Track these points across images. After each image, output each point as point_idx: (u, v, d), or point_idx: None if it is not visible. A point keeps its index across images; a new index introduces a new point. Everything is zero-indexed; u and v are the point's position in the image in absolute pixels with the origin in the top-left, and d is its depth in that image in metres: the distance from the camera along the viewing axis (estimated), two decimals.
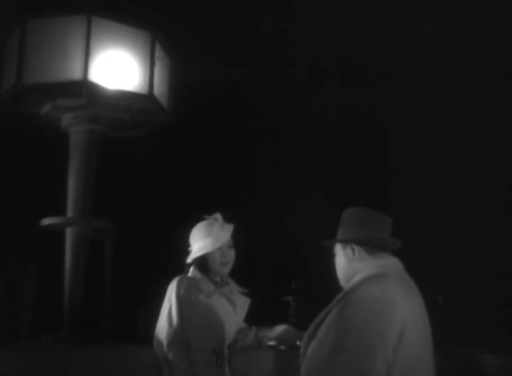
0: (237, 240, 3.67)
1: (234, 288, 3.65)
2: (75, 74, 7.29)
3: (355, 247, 2.77)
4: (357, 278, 2.72)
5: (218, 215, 3.64)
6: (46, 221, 7.56)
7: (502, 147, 8.64)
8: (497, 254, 8.12)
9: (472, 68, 8.72)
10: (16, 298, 8.07)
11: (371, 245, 2.76)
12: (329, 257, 2.96)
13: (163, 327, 3.44)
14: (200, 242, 3.55)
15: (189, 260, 3.58)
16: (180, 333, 3.38)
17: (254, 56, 9.26)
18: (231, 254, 3.60)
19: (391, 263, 2.77)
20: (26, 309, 8.02)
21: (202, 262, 3.55)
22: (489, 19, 8.54)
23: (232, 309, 3.57)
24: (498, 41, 8.52)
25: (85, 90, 7.41)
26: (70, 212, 7.66)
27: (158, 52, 7.84)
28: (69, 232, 7.63)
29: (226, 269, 3.58)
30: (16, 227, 8.16)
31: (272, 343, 3.70)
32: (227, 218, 3.69)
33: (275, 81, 9.31)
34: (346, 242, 2.81)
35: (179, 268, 3.67)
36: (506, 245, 8.00)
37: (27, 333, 7.91)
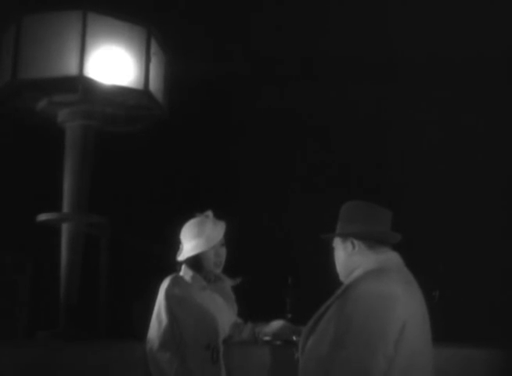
0: (231, 236, 3.67)
1: (226, 283, 3.66)
2: (71, 69, 7.26)
3: (355, 241, 2.77)
4: (357, 273, 2.72)
5: (209, 213, 3.65)
6: (42, 217, 7.54)
7: (503, 146, 8.65)
8: (495, 250, 8.13)
9: (476, 66, 8.72)
10: (12, 295, 8.06)
11: (371, 239, 2.75)
12: (326, 252, 2.95)
13: (153, 326, 3.44)
14: (192, 241, 3.55)
15: (182, 259, 3.58)
16: (170, 332, 3.38)
17: (251, 53, 9.25)
18: (223, 253, 3.61)
19: (391, 258, 2.77)
20: (21, 305, 8.01)
21: (195, 261, 3.56)
22: (493, 15, 8.54)
23: (225, 304, 3.58)
24: (500, 39, 8.52)
25: (81, 85, 7.39)
26: (65, 208, 7.63)
27: (154, 48, 7.81)
28: (65, 228, 7.61)
29: (219, 269, 3.60)
30: (11, 223, 8.14)
31: (267, 338, 3.71)
32: (222, 214, 3.68)
33: (272, 77, 9.30)
34: (346, 236, 2.80)
35: (175, 264, 3.67)
36: (504, 241, 8.01)
37: (23, 329, 7.91)
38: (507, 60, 8.56)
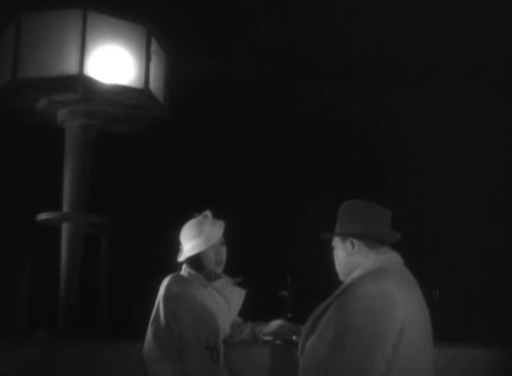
0: (231, 235, 3.66)
1: (227, 282, 3.65)
2: (71, 68, 7.27)
3: (355, 241, 2.74)
4: (356, 273, 2.69)
5: (207, 213, 3.64)
6: (42, 216, 7.54)
7: (502, 145, 8.64)
8: (494, 250, 8.13)
9: (472, 66, 8.71)
10: (12, 293, 8.06)
11: (371, 238, 2.73)
12: (326, 251, 2.94)
13: (152, 325, 3.44)
14: (192, 241, 3.54)
15: (182, 259, 3.57)
16: (168, 331, 3.38)
17: (251, 51, 9.24)
18: (223, 252, 3.60)
19: (392, 258, 2.74)
20: (21, 304, 8.01)
21: (195, 261, 3.55)
22: (489, 15, 8.53)
23: (225, 303, 3.57)
24: (498, 38, 8.51)
25: (81, 85, 7.39)
26: (66, 207, 7.64)
27: (154, 47, 7.82)
28: (65, 227, 7.62)
29: (220, 268, 3.59)
30: (12, 222, 8.14)
31: (267, 338, 3.70)
32: (223, 213, 3.68)
33: (272, 76, 9.29)
34: (345, 236, 2.78)
35: (176, 264, 3.66)
36: (504, 241, 8.01)
37: (23, 328, 7.90)
38: (507, 60, 8.55)
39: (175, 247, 3.67)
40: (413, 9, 8.75)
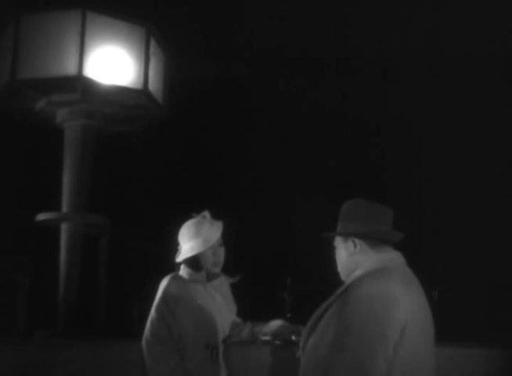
0: (231, 236, 3.67)
1: (224, 281, 3.65)
2: (70, 69, 7.27)
3: (357, 241, 2.72)
4: (358, 273, 2.68)
5: (206, 213, 3.63)
6: (41, 216, 7.54)
7: (502, 145, 8.64)
8: (494, 250, 8.13)
9: (470, 64, 8.71)
10: (11, 294, 8.07)
11: (373, 238, 2.72)
12: (326, 251, 2.93)
13: (151, 325, 3.44)
14: (190, 242, 3.54)
15: (180, 260, 3.57)
16: (168, 331, 3.38)
17: (250, 52, 9.25)
18: (222, 252, 3.60)
19: (394, 257, 2.72)
20: (20, 304, 8.02)
21: (193, 262, 3.55)
22: (486, 14, 8.54)
23: (223, 302, 3.57)
24: (495, 38, 8.51)
25: (80, 85, 7.39)
26: (65, 208, 7.64)
27: (153, 48, 7.82)
28: (64, 227, 7.61)
29: (218, 268, 3.59)
30: (11, 222, 8.14)
31: (266, 338, 3.69)
32: (222, 214, 3.68)
33: (271, 76, 9.30)
34: (347, 235, 2.76)
35: (174, 264, 3.67)
36: (504, 241, 8.01)
37: (22, 328, 7.91)
38: (497, 57, 8.55)
39: (174, 247, 3.67)
40: (413, 8, 8.77)
